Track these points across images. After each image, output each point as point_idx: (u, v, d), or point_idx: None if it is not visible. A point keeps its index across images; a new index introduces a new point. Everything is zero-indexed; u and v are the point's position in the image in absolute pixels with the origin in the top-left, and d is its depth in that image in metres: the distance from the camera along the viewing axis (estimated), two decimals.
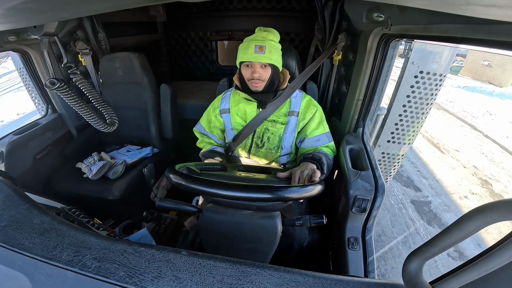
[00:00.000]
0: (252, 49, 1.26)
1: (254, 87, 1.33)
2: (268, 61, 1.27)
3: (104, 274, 0.62)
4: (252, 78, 1.30)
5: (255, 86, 1.33)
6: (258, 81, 1.31)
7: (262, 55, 1.26)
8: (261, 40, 1.28)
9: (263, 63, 1.28)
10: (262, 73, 1.29)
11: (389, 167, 2.44)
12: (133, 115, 2.05)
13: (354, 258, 1.07)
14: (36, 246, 0.69)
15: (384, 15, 1.04)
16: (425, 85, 1.95)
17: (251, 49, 1.26)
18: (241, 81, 1.40)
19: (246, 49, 1.28)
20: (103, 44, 2.02)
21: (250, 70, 1.30)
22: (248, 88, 1.36)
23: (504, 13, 0.40)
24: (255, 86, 1.33)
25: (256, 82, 1.31)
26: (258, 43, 1.27)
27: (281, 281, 0.62)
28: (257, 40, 1.28)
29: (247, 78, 1.33)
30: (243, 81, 1.37)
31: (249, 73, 1.31)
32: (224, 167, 1.21)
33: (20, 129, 1.66)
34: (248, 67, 1.31)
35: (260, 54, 1.26)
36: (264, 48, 1.26)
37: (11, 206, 0.84)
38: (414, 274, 0.53)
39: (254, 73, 1.29)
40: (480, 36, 0.69)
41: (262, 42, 1.27)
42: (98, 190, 1.69)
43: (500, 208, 0.38)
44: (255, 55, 1.25)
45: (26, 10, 0.59)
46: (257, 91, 1.35)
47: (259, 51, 1.26)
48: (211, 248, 1.11)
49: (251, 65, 1.29)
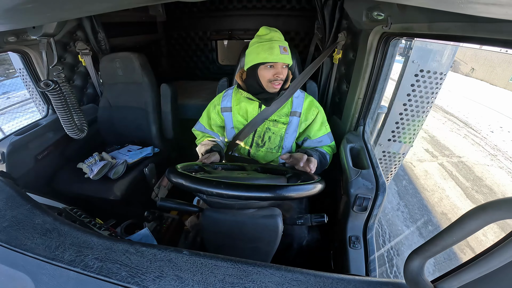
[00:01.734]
0: (278, 50, 1.25)
1: (275, 88, 1.32)
2: (290, 62, 1.29)
3: (106, 274, 0.63)
4: (276, 79, 1.29)
5: (275, 87, 1.32)
6: (280, 81, 1.31)
7: (287, 56, 1.27)
8: (280, 40, 1.29)
9: (286, 64, 1.29)
10: (284, 73, 1.30)
11: (390, 166, 2.44)
12: (134, 115, 2.06)
13: (356, 257, 1.07)
14: (38, 246, 0.69)
15: (384, 13, 1.04)
16: (426, 84, 1.95)
17: (276, 50, 1.25)
18: (247, 81, 1.39)
19: (270, 49, 1.25)
20: (103, 44, 2.02)
21: (273, 71, 1.28)
22: (255, 89, 1.36)
23: (505, 12, 0.40)
24: (276, 88, 1.32)
25: (277, 83, 1.30)
26: (281, 44, 1.27)
27: (283, 280, 0.62)
28: (275, 40, 1.28)
29: (268, 79, 1.30)
30: (251, 81, 1.36)
31: (271, 74, 1.29)
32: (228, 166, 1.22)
33: (21, 130, 1.67)
34: (270, 68, 1.29)
35: (286, 55, 1.26)
36: (287, 49, 1.27)
37: (13, 206, 0.84)
38: (416, 272, 0.53)
39: (278, 74, 1.28)
40: (480, 35, 0.69)
41: (283, 43, 1.28)
42: (99, 190, 1.69)
43: (502, 207, 0.38)
44: (282, 56, 1.25)
45: (25, 11, 0.59)
46: (275, 92, 1.34)
47: (284, 52, 1.26)
48: (212, 248, 1.11)
49: (274, 66, 1.28)
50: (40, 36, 1.17)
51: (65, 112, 1.38)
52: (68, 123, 1.42)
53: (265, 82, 1.31)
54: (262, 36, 1.31)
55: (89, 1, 0.64)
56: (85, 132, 1.51)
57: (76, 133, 1.46)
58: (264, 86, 1.33)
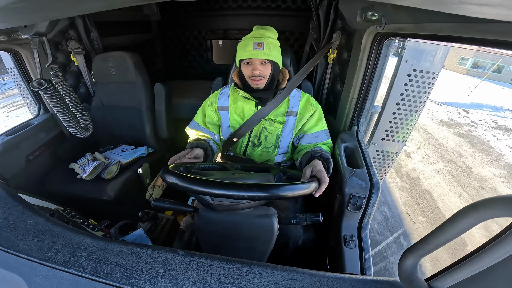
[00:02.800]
0: (251, 46, 1.26)
1: (255, 84, 1.32)
2: (267, 57, 1.27)
3: (101, 275, 0.62)
4: (253, 75, 1.29)
5: (256, 83, 1.32)
6: (259, 77, 1.30)
7: (261, 51, 1.26)
8: (259, 37, 1.29)
9: (263, 60, 1.28)
10: (262, 69, 1.29)
11: (384, 165, 2.46)
12: (127, 114, 2.04)
13: (351, 255, 1.08)
14: (31, 248, 0.68)
15: (378, 14, 1.05)
16: (418, 83, 1.97)
17: (249, 47, 1.26)
18: (241, 79, 1.39)
19: (244, 46, 1.27)
20: (96, 44, 1.99)
21: (250, 68, 1.29)
22: (249, 87, 1.36)
23: (497, 12, 0.41)
24: (256, 84, 1.32)
25: (257, 79, 1.30)
26: (256, 40, 1.27)
27: (279, 280, 0.62)
28: (255, 37, 1.28)
29: (247, 76, 1.32)
30: (243, 79, 1.36)
31: (249, 71, 1.30)
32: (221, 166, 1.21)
33: (12, 130, 1.64)
34: (248, 65, 1.30)
35: (259, 51, 1.26)
36: (262, 44, 1.26)
37: (4, 207, 0.83)
38: (410, 271, 0.53)
39: (254, 70, 1.28)
40: (473, 35, 0.70)
41: (260, 39, 1.27)
42: (92, 191, 1.68)
43: (493, 205, 0.38)
44: (254, 52, 1.26)
45: (17, 10, 0.58)
46: (258, 88, 1.34)
47: (258, 47, 1.26)
48: (208, 248, 1.11)
49: (251, 62, 1.29)
50: (31, 35, 1.15)
51: (63, 111, 1.35)
52: (69, 122, 1.39)
53: (247, 79, 1.34)
54: (247, 34, 1.34)
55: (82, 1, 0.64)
56: (90, 131, 1.48)
57: (79, 131, 1.43)
58: (248, 82, 1.34)
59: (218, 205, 0.96)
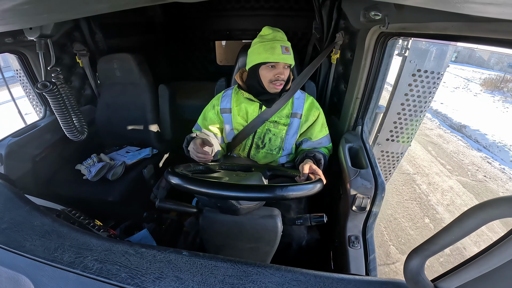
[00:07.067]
0: (279, 49, 1.23)
1: (276, 89, 1.30)
2: (292, 62, 1.28)
3: (106, 275, 0.62)
4: (277, 79, 1.27)
5: (277, 88, 1.30)
6: (282, 82, 1.29)
7: (289, 56, 1.25)
8: (282, 40, 1.28)
9: (287, 64, 1.27)
10: (286, 74, 1.28)
11: (389, 165, 2.45)
12: (132, 116, 2.05)
13: (355, 256, 1.07)
14: (37, 248, 0.69)
15: (381, 13, 1.04)
16: (423, 83, 1.96)
17: (278, 50, 1.23)
18: (247, 82, 1.38)
19: (272, 49, 1.24)
20: (100, 45, 2.01)
21: (275, 71, 1.27)
22: (255, 89, 1.34)
23: (501, 11, 0.41)
24: (277, 88, 1.30)
25: (279, 83, 1.28)
26: (283, 44, 1.25)
27: (283, 280, 0.62)
28: (278, 40, 1.27)
29: (269, 79, 1.29)
30: (252, 81, 1.34)
31: (272, 74, 1.27)
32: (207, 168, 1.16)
33: (18, 132, 1.66)
34: (271, 68, 1.27)
35: (287, 55, 1.25)
36: (289, 49, 1.26)
37: (11, 208, 0.84)
38: (416, 272, 0.53)
39: (280, 74, 1.26)
40: (477, 34, 0.69)
41: (285, 43, 1.27)
42: (98, 192, 1.69)
43: (500, 205, 0.38)
44: (283, 56, 1.24)
45: (22, 12, 0.59)
46: (276, 92, 1.32)
47: (286, 52, 1.25)
48: (212, 248, 1.11)
49: (276, 66, 1.26)
50: (37, 37, 1.17)
51: (63, 114, 1.37)
52: (67, 125, 1.41)
53: (266, 83, 1.30)
54: (265, 36, 1.30)
55: (86, 2, 0.64)
56: (85, 134, 1.51)
57: (75, 135, 1.46)
58: (266, 86, 1.31)
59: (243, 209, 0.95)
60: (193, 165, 1.09)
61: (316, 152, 1.31)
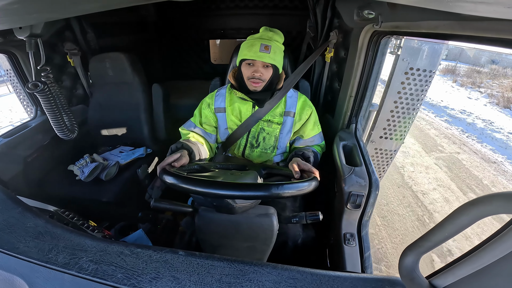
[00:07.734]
0: (258, 47, 1.24)
1: (253, 86, 1.31)
2: (271, 61, 1.26)
3: (102, 276, 0.62)
4: (253, 77, 1.27)
5: (254, 85, 1.30)
6: (259, 80, 1.29)
7: (267, 54, 1.25)
8: (267, 39, 1.28)
9: (266, 63, 1.27)
10: (263, 72, 1.28)
11: (382, 163, 2.47)
12: (125, 115, 2.03)
13: (351, 254, 1.08)
14: (31, 250, 0.68)
15: (375, 12, 1.05)
16: (416, 81, 1.98)
17: (256, 47, 1.24)
18: (238, 79, 1.38)
19: (251, 46, 1.25)
20: (92, 45, 1.99)
21: (252, 69, 1.27)
22: (245, 87, 1.34)
23: (492, 10, 0.41)
24: (254, 86, 1.30)
25: (256, 81, 1.29)
26: (264, 42, 1.25)
27: (280, 279, 0.63)
28: (263, 39, 1.27)
29: (247, 76, 1.30)
30: (241, 79, 1.35)
31: (250, 72, 1.28)
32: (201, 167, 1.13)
33: (9, 132, 1.63)
34: (250, 66, 1.28)
35: (265, 54, 1.24)
36: (269, 48, 1.25)
37: (4, 210, 0.82)
38: (410, 269, 0.54)
39: (255, 72, 1.26)
40: (469, 33, 0.70)
41: (268, 42, 1.26)
42: (91, 192, 1.67)
43: (492, 202, 0.39)
44: (260, 54, 1.24)
45: (12, 11, 0.58)
46: (255, 91, 1.33)
47: (265, 50, 1.24)
48: (208, 248, 1.11)
49: (253, 63, 1.27)
50: (27, 37, 1.15)
51: (54, 113, 1.36)
52: (57, 124, 1.40)
53: (246, 79, 1.31)
54: (255, 34, 1.32)
55: (76, 2, 0.63)
56: (75, 133, 1.49)
57: (66, 134, 1.44)
58: (246, 83, 1.32)
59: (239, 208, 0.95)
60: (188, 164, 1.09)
61: (305, 150, 1.30)
